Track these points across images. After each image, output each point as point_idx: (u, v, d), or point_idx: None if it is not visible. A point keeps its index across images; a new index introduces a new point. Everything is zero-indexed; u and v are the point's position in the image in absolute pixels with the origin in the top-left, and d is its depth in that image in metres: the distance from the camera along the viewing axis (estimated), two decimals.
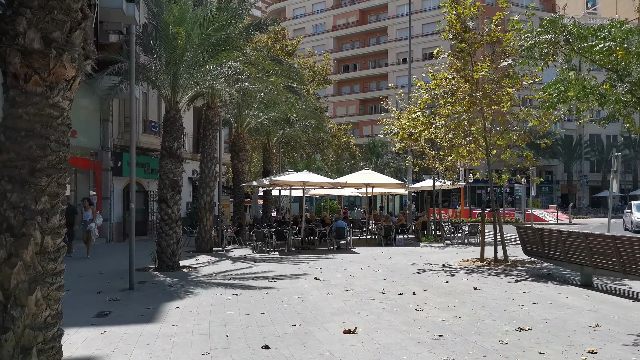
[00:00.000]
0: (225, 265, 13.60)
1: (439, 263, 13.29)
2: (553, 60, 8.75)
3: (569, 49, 8.26)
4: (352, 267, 12.72)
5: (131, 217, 10.39)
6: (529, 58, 9.04)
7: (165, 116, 13.01)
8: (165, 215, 12.78)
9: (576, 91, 8.24)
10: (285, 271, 12.05)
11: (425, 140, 20.39)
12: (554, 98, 8.80)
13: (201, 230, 17.31)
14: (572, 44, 8.12)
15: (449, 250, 16.73)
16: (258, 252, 16.87)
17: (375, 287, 9.58)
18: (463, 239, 19.27)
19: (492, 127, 13.38)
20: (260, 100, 21.64)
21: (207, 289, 9.64)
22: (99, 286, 10.15)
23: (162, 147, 13.00)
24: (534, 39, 8.52)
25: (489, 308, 7.66)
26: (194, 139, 27.88)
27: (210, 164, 17.64)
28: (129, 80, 10.36)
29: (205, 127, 17.79)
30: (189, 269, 12.81)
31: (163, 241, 12.72)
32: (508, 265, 12.44)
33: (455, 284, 9.84)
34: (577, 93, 8.24)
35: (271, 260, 14.49)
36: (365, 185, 20.10)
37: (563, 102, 8.79)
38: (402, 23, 65.98)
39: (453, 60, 12.98)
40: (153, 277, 11.55)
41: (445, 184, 21.25)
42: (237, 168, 22.03)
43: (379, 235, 18.98)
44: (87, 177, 20.59)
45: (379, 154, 58.60)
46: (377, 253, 16.08)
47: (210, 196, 17.56)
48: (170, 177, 12.81)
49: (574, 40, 8.11)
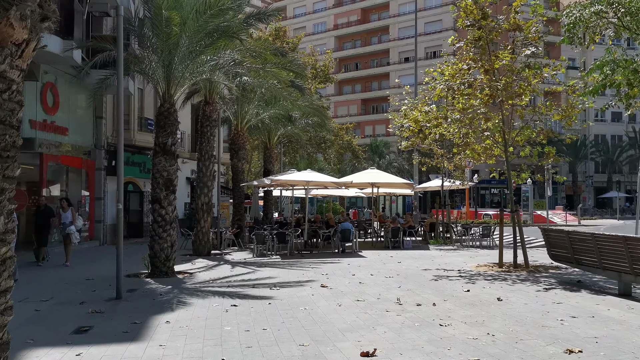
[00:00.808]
0: (223, 270, 12.64)
1: (454, 268, 12.32)
2: (600, 38, 7.80)
3: (618, 24, 7.32)
4: (360, 272, 11.76)
5: (119, 219, 9.42)
6: (572, 36, 8.09)
7: (159, 110, 12.07)
8: (159, 216, 11.83)
9: (625, 75, 7.30)
10: (289, 277, 11.09)
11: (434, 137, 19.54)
12: (599, 83, 7.84)
13: (198, 232, 16.36)
14: (620, 19, 7.19)
15: (461, 254, 15.77)
16: (259, 255, 15.92)
17: (390, 297, 8.62)
18: (474, 242, 18.30)
19: (512, 122, 12.43)
20: (261, 97, 20.70)
21: (203, 299, 8.69)
22: (84, 295, 9.20)
23: (155, 144, 12.05)
24: (577, 13, 7.58)
25: (524, 323, 6.70)
26: (192, 138, 26.93)
27: (209, 163, 16.69)
28: (117, 69, 9.42)
29: (202, 123, 16.85)
30: (184, 275, 11.85)
31: (156, 245, 11.77)
32: (530, 271, 11.48)
33: (477, 293, 8.88)
34: (626, 76, 7.30)
35: (273, 265, 13.53)
36: (371, 185, 19.15)
37: (609, 87, 7.83)
38: (404, 22, 65.15)
39: (470, 49, 12.02)
40: (144, 284, 10.59)
41: (454, 184, 20.31)
42: (237, 167, 21.07)
43: (386, 237, 18.03)
44: (80, 176, 19.64)
45: (382, 154, 57.73)
46: (385, 257, 15.13)
47: (209, 196, 16.61)
48: (164, 175, 11.86)
49: (623, 15, 7.18)
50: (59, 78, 18.29)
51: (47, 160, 17.14)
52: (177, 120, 12.18)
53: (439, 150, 19.80)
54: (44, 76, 17.54)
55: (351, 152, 38.61)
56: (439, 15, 61.98)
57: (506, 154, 12.42)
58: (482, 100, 11.78)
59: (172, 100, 12.14)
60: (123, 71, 13.20)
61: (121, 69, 9.42)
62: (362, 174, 18.83)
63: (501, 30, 11.98)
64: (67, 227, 13.42)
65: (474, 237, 18.42)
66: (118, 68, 9.40)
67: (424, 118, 12.58)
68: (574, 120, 11.56)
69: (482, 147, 13.11)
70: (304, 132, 28.04)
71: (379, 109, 68.81)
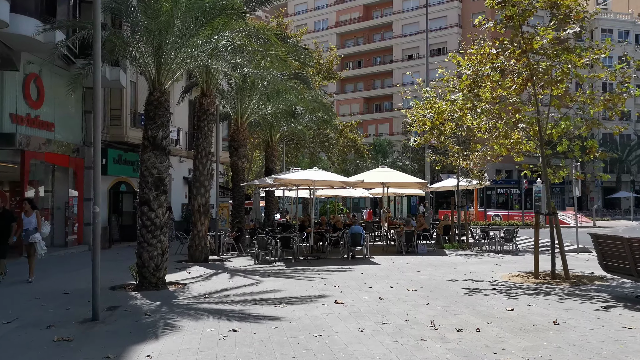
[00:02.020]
0: (221, 280, 11.20)
1: (483, 278, 10.87)
2: None
3: None
4: (377, 283, 10.31)
5: (95, 224, 7.95)
6: None
7: (148, 99, 10.62)
8: (148, 220, 10.38)
9: None
10: (297, 290, 9.65)
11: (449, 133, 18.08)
12: None
13: (195, 237, 14.92)
14: None
15: (484, 260, 14.31)
16: (261, 262, 14.48)
17: (420, 318, 7.18)
18: (495, 246, 16.83)
19: (547, 113, 10.98)
20: (263, 90, 19.25)
21: (196, 321, 7.24)
22: (55, 315, 7.76)
23: (144, 137, 10.61)
24: None
25: (602, 359, 5.26)
26: (189, 136, 25.48)
27: (206, 160, 15.24)
28: (93, 52, 7.96)
29: (199, 117, 15.40)
30: (176, 287, 10.41)
31: (145, 253, 10.32)
32: (574, 283, 10.03)
33: (524, 313, 7.43)
34: None
35: (277, 274, 12.09)
36: (382, 185, 17.70)
37: None
38: (407, 18, 63.71)
39: (501, 28, 10.56)
40: (129, 299, 9.14)
41: (471, 184, 18.86)
42: (237, 166, 19.62)
43: (398, 242, 16.58)
44: (67, 176, 18.20)
45: (385, 153, 56.25)
46: (400, 264, 13.68)
47: (206, 197, 15.16)
48: (153, 173, 10.41)
49: None
50: (44, 69, 16.86)
51: (29, 158, 15.70)
52: (168, 110, 10.74)
53: (454, 147, 18.40)
54: (26, 66, 16.12)
55: (355, 150, 37.13)
56: (443, 12, 60.55)
57: (542, 148, 10.97)
58: (516, 88, 10.33)
59: (163, 88, 10.69)
60: (108, 57, 11.85)
61: (98, 51, 7.96)
62: (372, 173, 17.38)
63: (535, 9, 10.54)
64: (31, 235, 11.02)
65: (494, 241, 16.95)
66: (94, 52, 7.94)
67: (448, 108, 11.09)
68: (622, 109, 10.11)
69: (511, 142, 11.66)
70: (308, 130, 26.60)
71: (382, 108, 67.42)
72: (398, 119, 63.48)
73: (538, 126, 10.81)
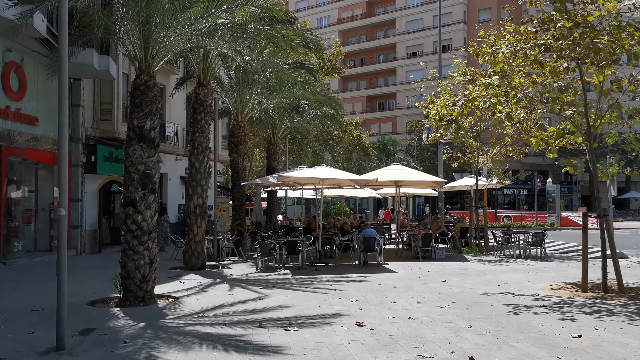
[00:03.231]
0: (219, 292, 9.73)
1: (523, 291, 9.40)
2: None
3: None
4: (401, 297, 8.85)
5: (61, 231, 6.47)
6: None
7: (134, 84, 9.15)
8: (133, 224, 8.91)
9: None
10: (308, 307, 8.19)
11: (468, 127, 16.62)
12: None
13: (190, 241, 13.45)
14: None
15: (512, 268, 12.83)
16: (264, 269, 13.02)
17: (468, 348, 5.71)
18: (519, 251, 15.33)
19: (598, 101, 9.50)
20: (265, 82, 17.81)
21: (185, 352, 5.77)
22: (12, 343, 6.29)
23: (129, 128, 9.14)
24: None
25: None
26: (187, 133, 24.01)
27: (203, 157, 13.78)
28: (59, 25, 6.49)
29: (195, 109, 13.94)
30: (167, 301, 8.95)
31: (129, 262, 8.85)
32: (632, 297, 8.57)
33: (596, 341, 5.96)
34: None
35: (283, 284, 10.63)
36: (395, 184, 16.22)
37: None
38: (411, 15, 62.28)
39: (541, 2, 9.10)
40: (109, 318, 7.67)
41: (490, 183, 17.39)
42: (237, 164, 18.16)
43: (414, 246, 15.12)
44: (52, 174, 16.72)
45: (390, 153, 54.75)
46: (420, 271, 12.23)
47: (203, 197, 13.70)
48: (140, 169, 8.94)
49: None
50: (27, 58, 15.40)
51: (7, 154, 14.25)
52: (157, 97, 9.27)
53: (473, 142, 16.94)
54: (6, 54, 14.65)
55: (361, 149, 35.63)
56: (449, 8, 59.02)
57: (590, 141, 9.50)
58: (562, 70, 8.85)
59: (152, 71, 9.23)
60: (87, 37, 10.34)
61: (65, 18, 6.49)
62: (386, 171, 15.90)
63: None
64: None
65: (517, 245, 15.47)
66: (60, 21, 6.47)
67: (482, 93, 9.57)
68: None
69: (550, 134, 10.20)
70: (312, 126, 25.14)
71: (385, 107, 65.98)
72: (402, 117, 62.04)
73: (586, 115, 9.34)
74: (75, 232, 17.25)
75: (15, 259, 14.78)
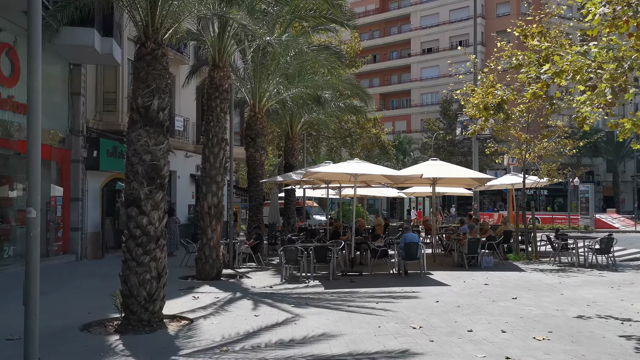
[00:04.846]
0: (243, 313, 7.89)
1: (628, 315, 7.46)
2: None
3: None
4: (473, 322, 6.97)
5: (31, 239, 4.68)
6: None
7: (138, 53, 7.33)
8: (137, 228, 7.10)
9: None
10: (360, 336, 6.32)
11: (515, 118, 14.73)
12: None
13: (204, 247, 11.63)
14: None
15: (585, 280, 10.87)
16: (289, 279, 11.19)
17: None
18: (580, 258, 13.35)
19: None
20: (285, 67, 15.98)
21: None
22: None
23: (131, 108, 7.32)
24: None
25: None
26: (197, 127, 22.23)
27: (218, 149, 11.95)
28: None
29: (210, 94, 12.12)
30: (179, 325, 7.15)
31: (132, 276, 7.04)
32: None
33: None
34: None
35: (317, 300, 8.78)
36: (432, 182, 14.32)
37: None
38: (427, 9, 60.29)
39: None
40: (104, 353, 5.85)
41: (541, 181, 15.42)
42: (254, 159, 16.34)
43: (458, 252, 13.23)
44: (49, 170, 14.97)
45: (406, 151, 52.81)
46: (475, 284, 10.35)
47: (218, 196, 11.88)
48: (145, 159, 7.12)
49: None
50: (21, 40, 13.62)
51: None
52: (167, 70, 7.44)
53: (522, 135, 14.99)
54: None
55: (379, 147, 33.73)
56: (466, 2, 56.93)
57: None
58: None
59: (160, 38, 7.41)
60: None
61: None
62: (425, 166, 13.99)
63: None
64: None
65: (576, 252, 13.51)
66: None
67: (573, 61, 7.53)
68: None
69: None
70: (331, 121, 23.29)
71: (399, 104, 64.05)
72: (416, 115, 60.10)
73: None
74: (75, 234, 15.51)
75: (6, 265, 13.04)
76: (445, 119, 50.45)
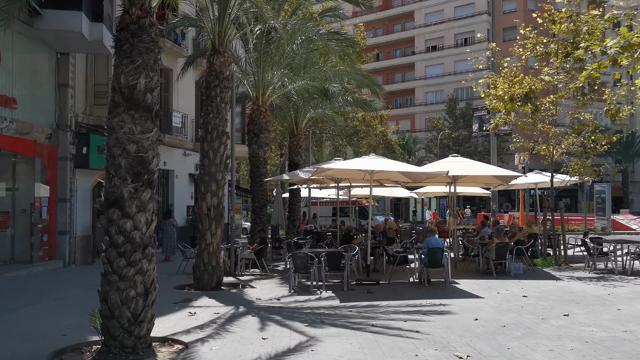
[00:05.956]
0: (248, 335, 6.61)
1: None
2: None
3: None
4: (530, 349, 5.70)
5: None
6: None
7: (121, 21, 6.04)
8: (119, 234, 5.84)
9: None
10: None
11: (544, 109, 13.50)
12: None
13: (203, 252, 10.34)
14: None
15: (637, 291, 9.59)
16: (298, 290, 9.93)
17: None
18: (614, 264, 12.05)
19: None
20: (291, 57, 14.74)
21: None
22: None
23: (113, 89, 6.04)
24: None
25: None
26: (196, 124, 20.95)
27: (218, 144, 10.68)
28: None
29: (209, 83, 10.85)
30: (170, 351, 5.89)
31: (114, 293, 5.78)
32: None
33: None
34: None
35: (335, 317, 7.51)
36: (452, 180, 13.03)
37: None
38: (431, 6, 59.01)
39: None
40: None
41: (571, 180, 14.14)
42: (257, 156, 15.09)
43: (485, 259, 11.95)
44: (33, 168, 13.69)
45: (411, 151, 51.55)
46: (510, 295, 9.09)
47: (218, 196, 10.60)
48: (129, 150, 5.84)
49: None
50: None
51: None
52: (156, 43, 6.15)
53: (552, 129, 13.71)
54: None
55: (386, 145, 32.46)
56: None
57: None
58: None
59: (147, 4, 6.14)
60: None
61: None
62: (447, 162, 12.70)
63: None
64: None
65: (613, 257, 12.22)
66: None
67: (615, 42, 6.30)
68: None
69: None
70: (338, 117, 22.04)
71: (403, 103, 62.81)
72: (420, 114, 58.82)
73: None
74: (63, 238, 14.23)
75: None
76: (451, 118, 49.24)
